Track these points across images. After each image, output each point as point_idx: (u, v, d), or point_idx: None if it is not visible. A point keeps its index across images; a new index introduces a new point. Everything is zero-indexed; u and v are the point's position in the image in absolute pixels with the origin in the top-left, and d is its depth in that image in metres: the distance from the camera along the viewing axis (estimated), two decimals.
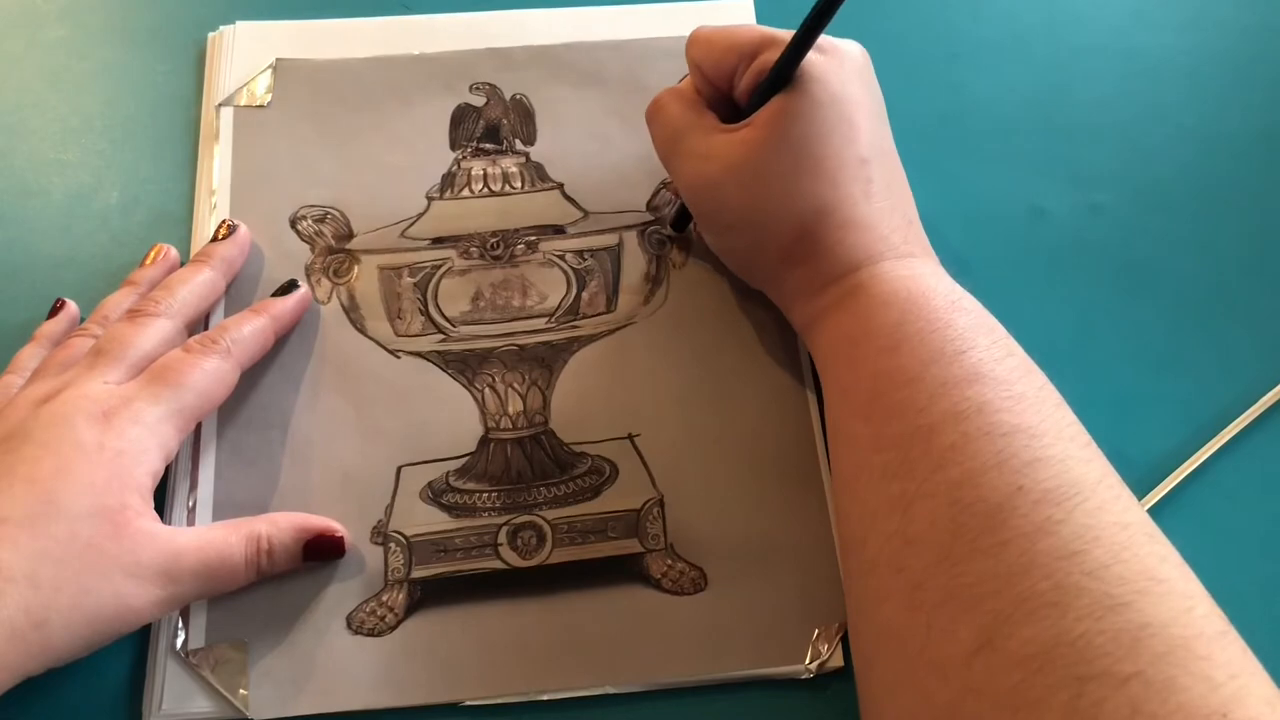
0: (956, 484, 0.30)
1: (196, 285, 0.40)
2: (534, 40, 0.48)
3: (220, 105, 0.46)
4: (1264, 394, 0.43)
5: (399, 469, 0.40)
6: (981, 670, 0.27)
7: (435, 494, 0.40)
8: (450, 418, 0.41)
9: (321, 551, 0.38)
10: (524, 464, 0.41)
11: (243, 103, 0.46)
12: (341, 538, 0.38)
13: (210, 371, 0.37)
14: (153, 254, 0.43)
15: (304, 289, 0.42)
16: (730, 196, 0.38)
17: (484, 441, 0.41)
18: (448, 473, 0.40)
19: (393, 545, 0.39)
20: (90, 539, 0.33)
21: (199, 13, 0.49)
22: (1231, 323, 0.45)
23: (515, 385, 0.42)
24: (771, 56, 0.37)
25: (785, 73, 0.36)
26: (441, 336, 0.43)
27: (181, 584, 0.35)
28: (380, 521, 0.39)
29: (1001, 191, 0.47)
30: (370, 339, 0.42)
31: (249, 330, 0.39)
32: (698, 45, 0.40)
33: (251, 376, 0.41)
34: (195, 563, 0.35)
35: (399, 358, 0.42)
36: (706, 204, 0.39)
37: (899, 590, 0.30)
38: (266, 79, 0.47)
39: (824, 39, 0.37)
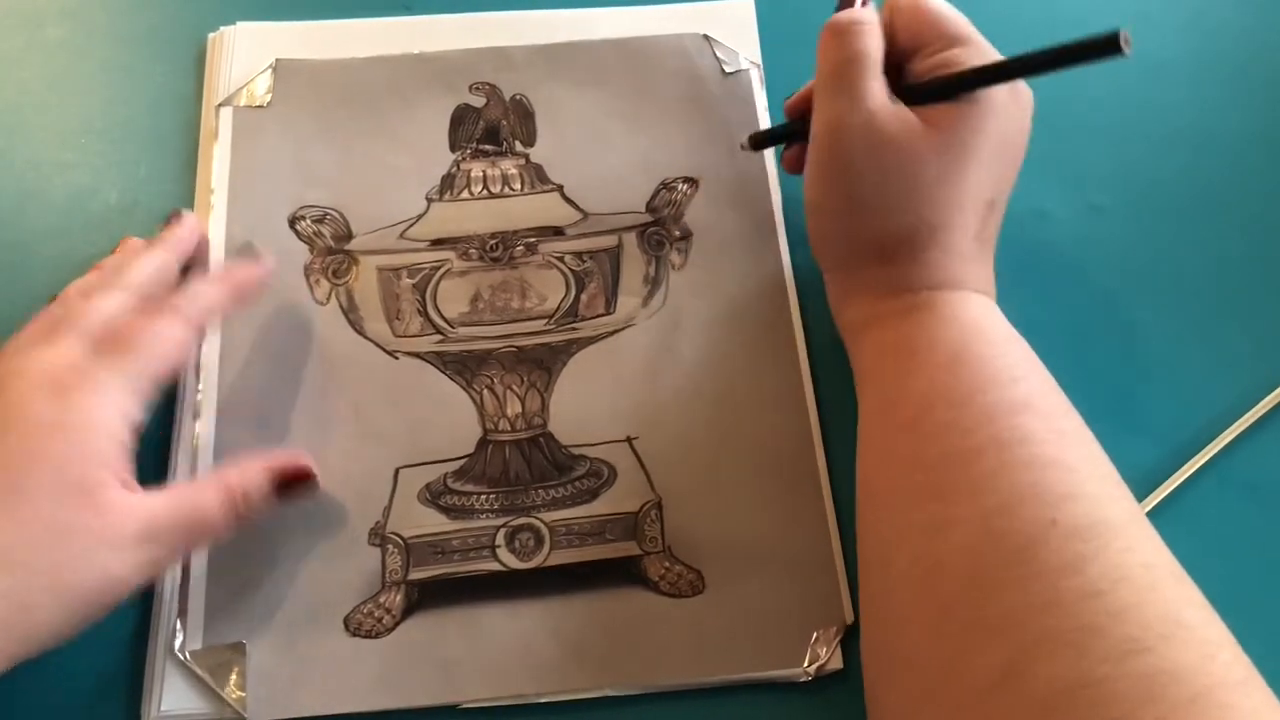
0: (992, 512, 0.30)
1: (149, 260, 0.40)
2: (534, 40, 0.48)
3: (220, 105, 0.46)
4: (1264, 396, 0.43)
5: (397, 470, 0.40)
6: (1000, 706, 0.27)
7: (433, 495, 0.40)
8: (449, 419, 0.41)
9: (293, 487, 0.37)
10: (522, 466, 0.41)
11: (243, 103, 0.46)
12: (308, 467, 0.38)
13: (163, 333, 0.37)
14: (121, 245, 0.43)
15: (267, 259, 0.42)
16: (865, 165, 0.36)
17: (482, 443, 0.41)
18: (446, 474, 0.40)
19: (390, 547, 0.39)
20: (61, 516, 0.32)
21: (199, 13, 0.49)
22: (1232, 325, 0.45)
23: (514, 387, 0.42)
24: (961, 56, 0.36)
25: (973, 85, 0.36)
26: (440, 337, 0.43)
27: (162, 545, 0.34)
28: (378, 523, 0.39)
29: None
30: (369, 340, 0.42)
31: (203, 294, 0.39)
32: (903, 9, 0.38)
33: (250, 377, 0.41)
34: (172, 522, 0.35)
35: (397, 358, 0.42)
36: (837, 156, 0.37)
37: (924, 614, 0.30)
38: (266, 79, 0.47)
39: None
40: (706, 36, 0.48)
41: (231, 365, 0.41)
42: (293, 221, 0.44)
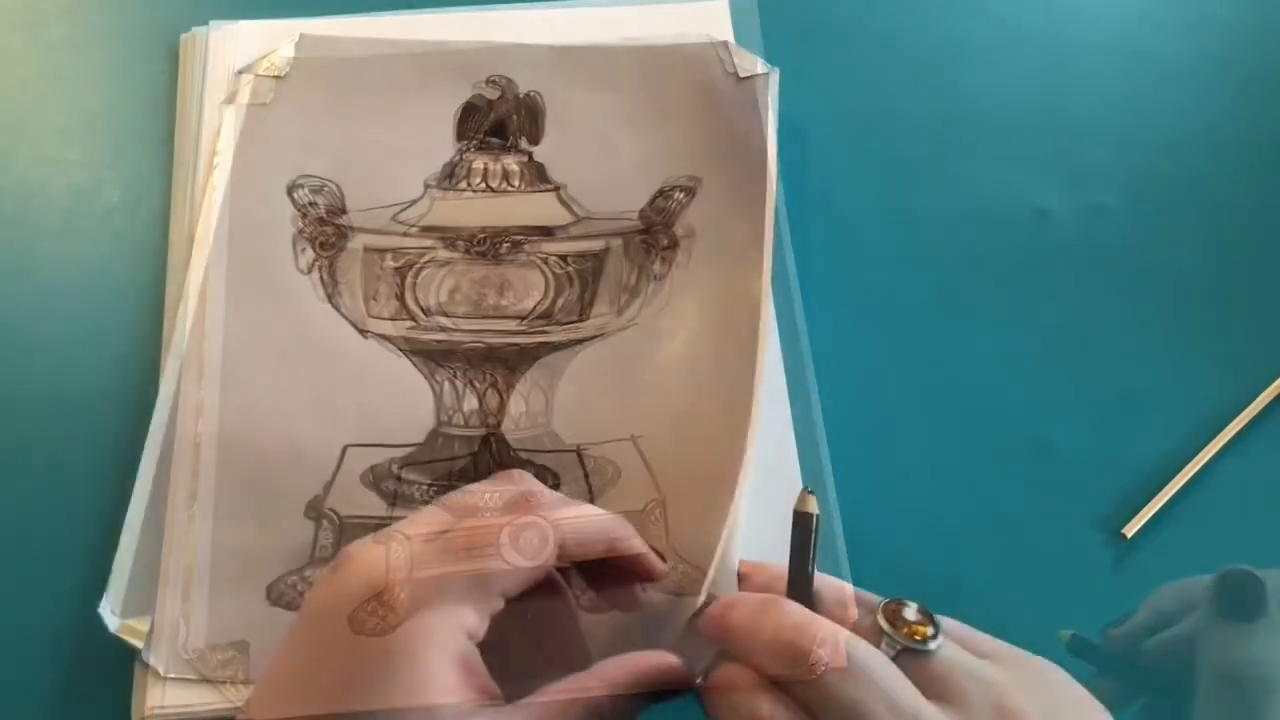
0: None
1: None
2: (535, 38, 0.47)
3: (240, 72, 0.46)
4: (1261, 391, 0.42)
5: (345, 448, 0.40)
6: None
7: (376, 479, 0.40)
8: (404, 405, 0.41)
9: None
10: (468, 463, 0.40)
11: (263, 71, 0.47)
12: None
13: None
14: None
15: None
16: None
17: (433, 434, 0.41)
18: (392, 460, 0.40)
19: (324, 522, 0.39)
20: None
21: (201, 11, 0.48)
22: (1233, 323, 0.44)
23: (475, 383, 0.41)
24: None
25: None
26: (412, 324, 0.42)
27: None
28: (317, 496, 0.39)
29: (1005, 192, 0.47)
30: (342, 315, 0.42)
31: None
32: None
33: (220, 336, 0.41)
34: None
35: (366, 337, 0.42)
36: None
37: None
38: (289, 50, 0.47)
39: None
40: (725, 43, 0.47)
41: (203, 323, 0.42)
42: (290, 188, 0.45)
